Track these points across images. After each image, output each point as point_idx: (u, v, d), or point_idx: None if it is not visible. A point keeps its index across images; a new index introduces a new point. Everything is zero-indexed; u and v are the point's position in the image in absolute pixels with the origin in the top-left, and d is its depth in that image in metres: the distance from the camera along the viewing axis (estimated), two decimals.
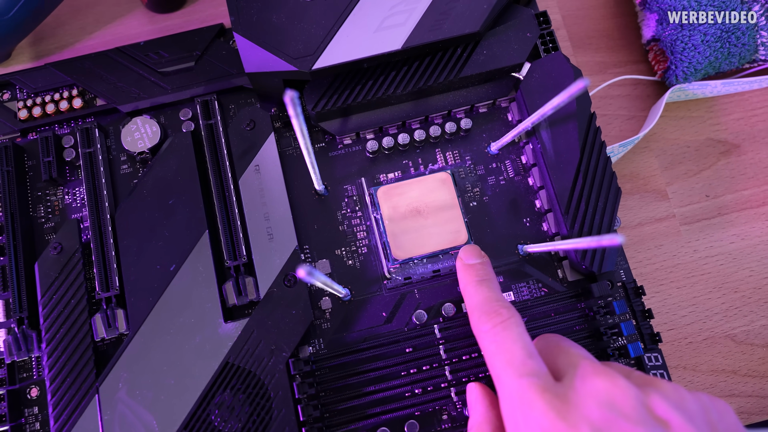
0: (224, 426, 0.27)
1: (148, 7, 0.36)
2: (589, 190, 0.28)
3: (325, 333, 0.29)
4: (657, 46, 0.34)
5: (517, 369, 0.22)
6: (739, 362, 0.31)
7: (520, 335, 0.23)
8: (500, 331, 0.24)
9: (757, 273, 0.32)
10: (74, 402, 0.27)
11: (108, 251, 0.29)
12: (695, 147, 0.34)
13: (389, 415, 0.28)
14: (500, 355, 0.23)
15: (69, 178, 0.32)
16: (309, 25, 0.29)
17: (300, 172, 0.31)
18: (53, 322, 0.28)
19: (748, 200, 0.33)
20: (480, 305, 0.25)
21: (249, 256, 0.29)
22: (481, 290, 0.26)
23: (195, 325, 0.28)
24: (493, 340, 0.24)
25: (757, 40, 0.32)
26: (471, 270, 0.27)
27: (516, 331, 0.24)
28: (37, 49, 0.36)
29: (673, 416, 0.20)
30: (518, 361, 0.22)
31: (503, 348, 0.23)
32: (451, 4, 0.29)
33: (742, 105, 0.35)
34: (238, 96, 0.33)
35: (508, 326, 0.24)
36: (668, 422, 0.20)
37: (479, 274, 0.27)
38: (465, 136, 0.32)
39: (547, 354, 0.24)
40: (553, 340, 0.25)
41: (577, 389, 0.21)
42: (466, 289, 0.27)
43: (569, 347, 0.24)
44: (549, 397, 0.21)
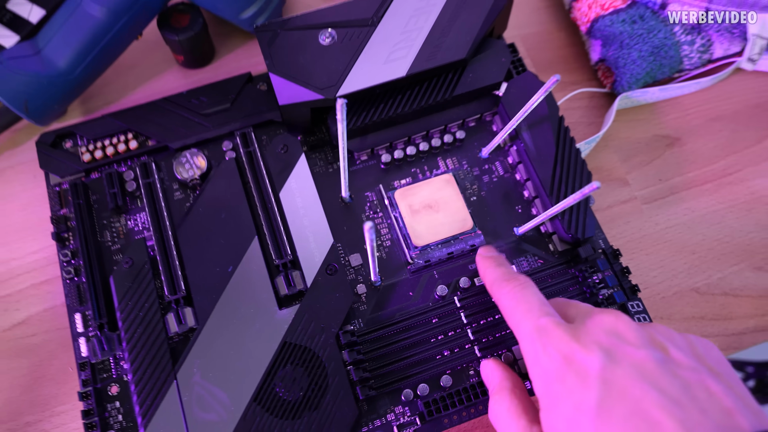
0: (288, 395, 0.32)
1: (183, 65, 0.42)
2: (566, 176, 0.35)
3: (363, 314, 0.35)
4: (603, 65, 0.42)
5: (535, 314, 0.27)
6: (704, 309, 0.37)
7: (536, 292, 0.28)
8: (519, 290, 0.29)
9: (708, 237, 0.39)
10: (155, 389, 0.32)
11: (173, 260, 0.35)
12: (645, 142, 0.42)
13: (425, 374, 0.33)
14: (520, 307, 0.28)
15: (130, 207, 0.37)
16: (330, 62, 0.36)
17: (328, 185, 0.37)
18: (131, 324, 0.33)
19: (693, 180, 0.41)
20: (500, 276, 0.30)
21: (294, 254, 0.35)
22: (500, 268, 0.31)
23: (254, 314, 0.33)
24: (513, 296, 0.29)
25: (680, 53, 0.41)
26: (489, 259, 0.32)
27: (532, 289, 0.29)
28: (87, 106, 0.42)
29: (669, 344, 0.25)
30: (536, 308, 0.27)
31: (522, 301, 0.28)
32: (442, 39, 0.36)
33: (678, 106, 0.43)
34: (268, 128, 0.39)
35: (526, 286, 0.29)
36: (666, 348, 0.24)
37: (497, 261, 0.32)
38: (460, 145, 0.39)
39: (559, 309, 0.29)
40: (562, 301, 0.31)
41: (587, 324, 0.26)
42: (486, 270, 0.32)
43: (577, 303, 0.29)
44: (564, 328, 0.26)
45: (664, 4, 0.40)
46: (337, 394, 0.32)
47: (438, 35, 0.36)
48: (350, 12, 0.37)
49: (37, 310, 0.36)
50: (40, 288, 0.37)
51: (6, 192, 0.39)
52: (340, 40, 0.36)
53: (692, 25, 0.40)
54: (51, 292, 0.36)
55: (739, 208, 0.40)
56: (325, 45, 0.36)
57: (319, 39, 0.36)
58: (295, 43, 0.36)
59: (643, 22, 0.40)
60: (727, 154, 0.41)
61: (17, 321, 0.36)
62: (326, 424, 0.31)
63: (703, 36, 0.40)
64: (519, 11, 0.45)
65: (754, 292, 0.38)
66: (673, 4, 0.39)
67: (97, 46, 0.37)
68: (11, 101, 0.36)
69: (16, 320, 0.36)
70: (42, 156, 0.38)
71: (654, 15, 0.40)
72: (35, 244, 0.38)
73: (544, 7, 0.46)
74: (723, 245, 0.39)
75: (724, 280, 0.38)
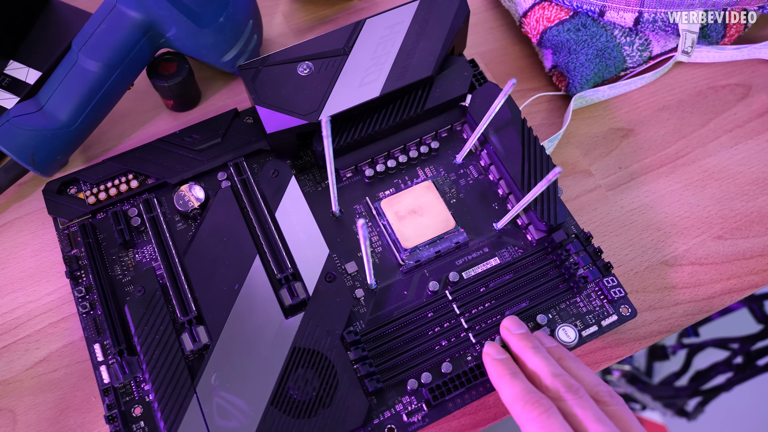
0: (302, 396, 0.34)
1: (173, 108, 0.46)
2: (534, 170, 0.39)
3: (363, 315, 0.37)
4: (556, 71, 0.46)
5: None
6: (674, 280, 0.41)
7: (562, 422, 0.29)
8: (546, 418, 0.29)
9: (670, 214, 0.43)
10: (177, 404, 0.34)
11: (181, 285, 0.37)
12: (602, 136, 0.45)
13: (426, 364, 0.36)
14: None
15: (137, 241, 0.40)
16: (310, 90, 0.39)
17: (319, 202, 0.41)
18: (148, 347, 0.35)
19: (650, 165, 0.44)
20: (522, 396, 0.30)
21: (294, 267, 0.38)
22: (517, 382, 0.31)
23: (263, 326, 0.36)
24: (541, 427, 0.29)
25: (623, 53, 0.45)
26: (500, 364, 0.33)
27: (559, 419, 0.29)
28: (87, 155, 0.45)
29: None
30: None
31: None
32: (408, 60, 0.40)
33: (628, 101, 0.47)
34: (258, 157, 0.42)
35: (553, 414, 0.29)
36: None
37: (510, 368, 0.32)
38: (436, 154, 0.42)
39: None
40: None
41: None
42: (502, 381, 0.32)
43: None
44: None
45: (602, 12, 0.44)
46: (348, 389, 0.34)
47: (405, 57, 0.40)
48: (323, 45, 0.41)
49: (56, 347, 0.38)
50: (58, 326, 0.39)
51: (17, 241, 0.41)
52: (317, 70, 0.40)
53: (629, 28, 0.44)
54: (68, 329, 0.39)
55: (694, 186, 0.44)
56: (303, 76, 0.40)
57: (298, 71, 0.40)
58: (276, 77, 0.40)
59: (586, 29, 0.45)
60: (677, 139, 0.45)
61: (39, 359, 0.38)
62: (340, 419, 0.33)
63: (640, 36, 0.45)
64: (475, 31, 0.50)
65: (717, 259, 0.41)
66: (610, 11, 0.44)
67: (94, 98, 0.40)
68: (19, 155, 0.39)
69: (37, 358, 0.38)
70: (49, 203, 0.40)
71: (595, 22, 0.45)
72: (49, 286, 0.40)
73: (498, 26, 0.50)
74: (684, 220, 0.42)
75: (689, 251, 0.41)
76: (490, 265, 0.39)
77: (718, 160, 0.45)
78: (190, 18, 0.40)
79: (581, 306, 0.38)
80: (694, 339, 0.80)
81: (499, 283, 0.38)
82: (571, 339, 0.36)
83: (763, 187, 0.44)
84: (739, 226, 0.42)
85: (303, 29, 0.50)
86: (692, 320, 0.39)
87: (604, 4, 0.44)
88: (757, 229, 0.42)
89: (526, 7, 0.47)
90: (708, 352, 0.78)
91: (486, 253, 0.39)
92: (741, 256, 0.41)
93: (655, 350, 0.88)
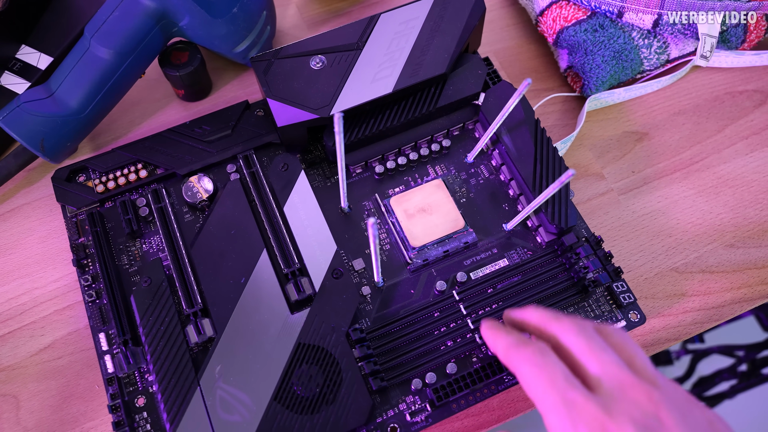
0: (306, 392, 0.34)
1: (184, 98, 0.46)
2: (546, 172, 0.38)
3: (369, 313, 0.37)
4: (572, 71, 0.45)
5: (560, 384, 0.27)
6: (684, 287, 0.40)
7: (556, 360, 0.28)
8: (539, 356, 0.28)
9: (683, 221, 0.42)
10: (180, 396, 0.34)
11: (188, 277, 0.37)
12: (616, 139, 0.45)
13: (431, 364, 0.35)
14: (542, 375, 0.27)
15: (144, 231, 0.40)
16: (322, 84, 0.39)
17: (328, 197, 0.40)
18: (153, 337, 0.35)
19: (663, 170, 0.44)
20: (514, 342, 0.30)
21: (301, 262, 0.37)
22: (511, 334, 0.31)
23: (268, 320, 0.36)
24: (532, 364, 0.28)
25: (640, 56, 0.44)
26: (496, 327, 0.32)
27: (551, 357, 0.28)
28: (97, 143, 0.44)
29: None
30: (560, 378, 0.27)
31: (543, 369, 0.27)
32: (422, 57, 0.40)
33: (643, 104, 0.46)
34: (268, 150, 0.42)
35: (545, 352, 0.28)
36: None
37: (505, 328, 0.32)
38: (447, 152, 0.42)
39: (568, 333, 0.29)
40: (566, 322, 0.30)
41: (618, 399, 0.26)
42: (497, 338, 0.31)
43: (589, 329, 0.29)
44: (595, 402, 0.26)
45: (620, 13, 0.43)
46: (352, 387, 0.34)
47: (419, 54, 0.40)
48: (337, 38, 0.41)
49: (61, 334, 0.38)
50: (63, 313, 0.39)
51: (25, 227, 0.41)
52: (330, 64, 0.40)
53: (648, 30, 0.44)
54: (74, 317, 0.39)
55: (707, 192, 0.43)
56: (316, 69, 0.39)
57: (311, 64, 0.39)
58: (288, 70, 0.39)
59: (604, 30, 0.44)
60: (691, 144, 0.45)
61: (44, 345, 0.38)
62: (343, 416, 0.33)
63: (659, 39, 0.44)
64: (490, 29, 0.49)
65: (728, 268, 0.41)
66: (628, 12, 0.43)
67: (105, 85, 0.40)
68: (28, 141, 0.39)
69: (42, 345, 0.38)
70: (58, 190, 0.40)
71: (613, 23, 0.44)
72: (56, 273, 0.40)
73: (514, 24, 0.50)
74: (696, 227, 0.42)
75: (700, 258, 0.41)
76: (498, 266, 0.39)
77: (733, 167, 0.44)
78: (204, 7, 0.39)
79: (589, 311, 0.37)
80: (699, 345, 0.79)
81: (507, 285, 0.37)
82: None
83: None
84: (751, 234, 0.42)
85: (317, 21, 0.50)
86: (701, 328, 0.39)
87: (623, 5, 0.43)
88: None
89: (543, 6, 0.46)
90: (712, 358, 0.78)
91: (495, 254, 0.39)
92: (753, 265, 0.41)
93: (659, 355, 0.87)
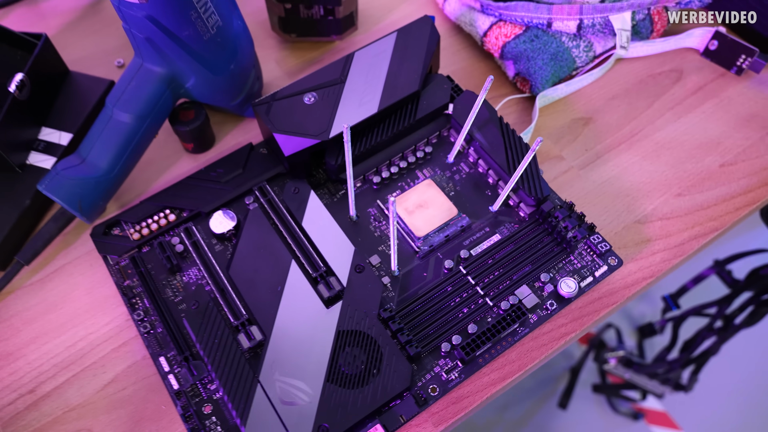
0: (353, 370, 0.39)
1: (192, 151, 0.52)
2: (516, 155, 0.46)
3: (392, 299, 0.43)
4: (519, 77, 0.54)
5: None
6: (648, 234, 0.47)
7: None
8: None
9: (635, 182, 0.50)
10: (244, 394, 0.38)
11: (229, 294, 0.42)
12: (567, 126, 0.53)
13: (454, 329, 0.41)
14: None
15: (182, 265, 0.45)
16: (317, 115, 0.46)
17: (337, 210, 0.46)
18: (210, 349, 0.40)
19: (610, 145, 0.52)
20: None
21: (326, 265, 0.43)
22: None
23: (308, 317, 0.41)
24: None
25: (572, 55, 0.53)
26: None
27: None
28: (121, 201, 0.50)
29: None
30: None
31: None
32: (396, 80, 0.47)
33: (583, 95, 0.55)
34: (277, 180, 0.48)
35: None
36: None
37: None
38: (430, 158, 0.49)
39: None
40: None
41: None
42: None
43: None
44: None
45: (549, 24, 0.52)
46: (391, 358, 0.39)
47: (393, 78, 0.47)
48: (322, 77, 0.48)
49: (122, 368, 0.42)
50: (120, 350, 0.43)
51: (70, 283, 0.46)
52: (320, 98, 0.47)
53: (574, 33, 0.53)
54: (130, 351, 0.43)
55: (650, 156, 0.51)
56: (309, 104, 0.46)
57: (304, 100, 0.46)
58: (286, 107, 0.46)
59: (539, 39, 0.53)
60: (629, 120, 0.53)
61: (107, 381, 0.42)
62: (390, 383, 0.38)
63: (584, 39, 0.53)
64: (445, 55, 0.57)
65: (681, 213, 0.48)
66: (556, 22, 0.52)
67: (129, 146, 0.45)
68: (68, 203, 0.44)
69: (106, 380, 0.42)
70: (98, 243, 0.45)
71: (545, 32, 0.53)
72: (106, 317, 0.44)
73: (463, 47, 0.58)
74: (647, 185, 0.50)
75: (656, 209, 0.48)
76: (493, 241, 0.45)
77: (666, 133, 0.52)
78: (207, 67, 0.46)
79: (575, 263, 0.44)
80: (676, 312, 0.86)
81: (504, 254, 0.44)
82: (572, 289, 0.42)
83: (706, 150, 0.51)
84: (693, 183, 0.50)
85: (294, 71, 0.57)
86: (669, 264, 0.46)
87: (550, 17, 0.52)
88: (709, 184, 0.50)
89: (485, 29, 0.55)
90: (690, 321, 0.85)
91: (487, 232, 0.45)
92: (699, 207, 0.48)
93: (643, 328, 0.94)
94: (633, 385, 1.01)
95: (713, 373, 1.09)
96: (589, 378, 1.15)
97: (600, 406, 1.13)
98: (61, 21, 0.61)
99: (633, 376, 0.96)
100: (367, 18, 0.61)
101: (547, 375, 1.17)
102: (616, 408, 1.10)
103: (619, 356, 0.96)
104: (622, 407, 1.11)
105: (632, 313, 1.21)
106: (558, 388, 1.15)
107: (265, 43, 0.59)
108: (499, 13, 0.54)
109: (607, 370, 1.02)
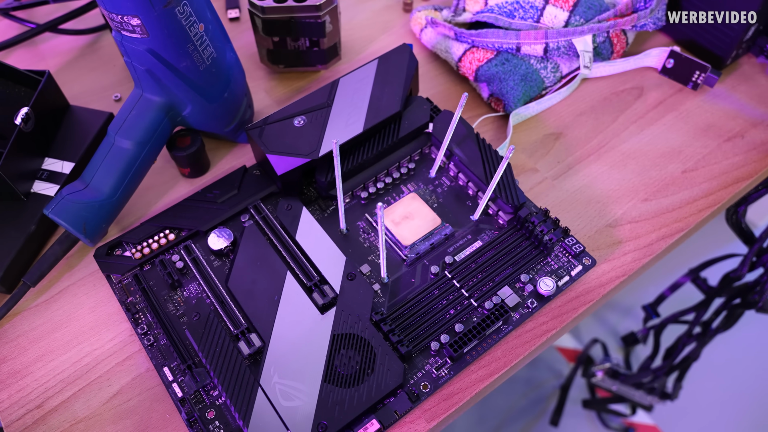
0: (348, 370, 0.41)
1: (189, 176, 0.54)
2: (492, 167, 0.49)
3: (383, 304, 0.46)
4: (493, 97, 0.58)
5: None
6: (619, 236, 0.51)
7: None
8: None
9: (605, 189, 0.53)
10: (246, 397, 0.40)
11: (228, 305, 0.44)
12: (540, 141, 0.57)
13: (442, 329, 0.44)
14: None
15: (182, 281, 0.47)
16: (307, 136, 0.49)
17: (328, 224, 0.49)
18: (212, 357, 0.42)
19: (580, 156, 0.56)
20: None
21: (320, 274, 0.46)
22: None
23: (304, 323, 0.43)
24: None
25: (541, 76, 0.57)
26: None
27: None
28: (122, 225, 0.52)
29: None
30: None
31: None
32: (379, 102, 0.51)
33: (553, 112, 0.59)
34: (270, 199, 0.51)
35: None
36: None
37: None
38: (413, 173, 0.52)
39: None
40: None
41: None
42: None
43: None
44: None
45: (518, 48, 0.57)
46: (384, 357, 0.42)
47: (376, 100, 0.51)
48: (310, 102, 0.51)
49: (126, 381, 0.44)
50: (124, 364, 0.45)
51: (74, 303, 0.48)
52: (309, 121, 0.50)
53: (541, 56, 0.57)
54: (134, 365, 0.45)
55: (618, 166, 0.55)
56: (299, 127, 0.50)
57: (294, 123, 0.50)
58: (278, 130, 0.50)
59: (509, 62, 0.57)
60: (596, 134, 0.57)
61: (113, 393, 0.44)
62: (383, 380, 0.41)
63: (551, 61, 0.57)
64: (423, 80, 0.61)
65: (648, 216, 0.52)
66: (524, 46, 0.57)
67: (130, 171, 0.48)
68: (74, 226, 0.46)
69: (111, 393, 0.44)
70: (102, 263, 0.47)
71: (514, 56, 0.57)
72: (110, 333, 0.46)
73: (440, 73, 0.63)
74: (616, 191, 0.53)
75: (625, 214, 0.52)
76: (475, 247, 0.48)
77: (631, 144, 0.56)
78: (202, 96, 0.49)
79: (552, 264, 0.47)
80: (656, 320, 0.89)
81: (486, 259, 0.47)
82: (550, 288, 0.45)
83: (669, 158, 0.55)
84: (658, 189, 0.53)
85: (283, 100, 0.61)
86: (640, 263, 0.49)
87: (518, 41, 0.56)
88: (672, 189, 0.53)
89: (459, 54, 0.59)
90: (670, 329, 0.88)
91: (470, 239, 0.49)
92: (665, 210, 0.52)
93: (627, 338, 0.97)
94: (621, 397, 1.03)
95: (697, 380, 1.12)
96: (579, 395, 1.17)
97: (591, 421, 1.15)
98: (60, 60, 0.64)
99: (620, 388, 0.98)
100: (350, 49, 0.65)
101: (538, 394, 1.19)
102: (606, 423, 1.12)
103: (606, 368, 0.99)
104: (613, 422, 1.13)
105: (617, 329, 1.24)
106: (549, 407, 1.16)
107: (255, 75, 0.63)
108: (471, 40, 0.58)
109: (595, 384, 1.04)
